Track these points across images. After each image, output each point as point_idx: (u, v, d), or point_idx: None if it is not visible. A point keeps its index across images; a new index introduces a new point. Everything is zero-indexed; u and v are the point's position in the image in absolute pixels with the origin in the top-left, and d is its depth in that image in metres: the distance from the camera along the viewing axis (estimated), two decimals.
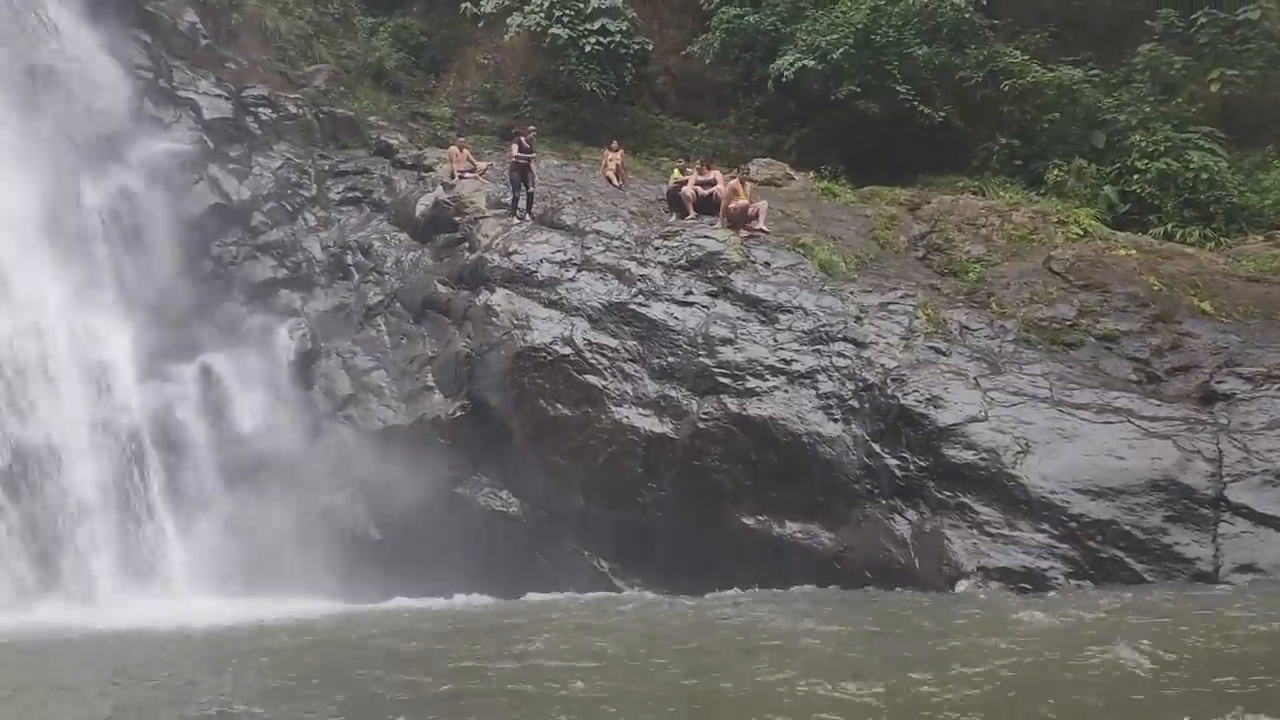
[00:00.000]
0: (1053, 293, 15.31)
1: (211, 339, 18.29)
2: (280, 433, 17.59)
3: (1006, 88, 19.98)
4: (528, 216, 18.17)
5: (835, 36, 20.20)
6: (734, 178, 17.58)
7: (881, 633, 9.89)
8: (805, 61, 20.25)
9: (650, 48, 23.29)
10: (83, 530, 16.04)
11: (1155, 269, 15.55)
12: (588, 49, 22.27)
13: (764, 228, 16.83)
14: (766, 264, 16.19)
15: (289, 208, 20.16)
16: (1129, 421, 12.89)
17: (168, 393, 17.43)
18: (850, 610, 11.15)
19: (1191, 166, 18.03)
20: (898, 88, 19.97)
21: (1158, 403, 13.29)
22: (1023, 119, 20.17)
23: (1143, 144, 18.61)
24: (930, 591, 12.09)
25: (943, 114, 20.08)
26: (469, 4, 23.76)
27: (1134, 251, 16.12)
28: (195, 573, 16.37)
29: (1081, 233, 16.87)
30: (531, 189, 18.39)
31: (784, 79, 20.51)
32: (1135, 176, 18.44)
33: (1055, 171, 18.95)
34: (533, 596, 14.64)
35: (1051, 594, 11.48)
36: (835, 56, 20.07)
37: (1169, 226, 17.65)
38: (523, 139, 18.67)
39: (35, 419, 16.36)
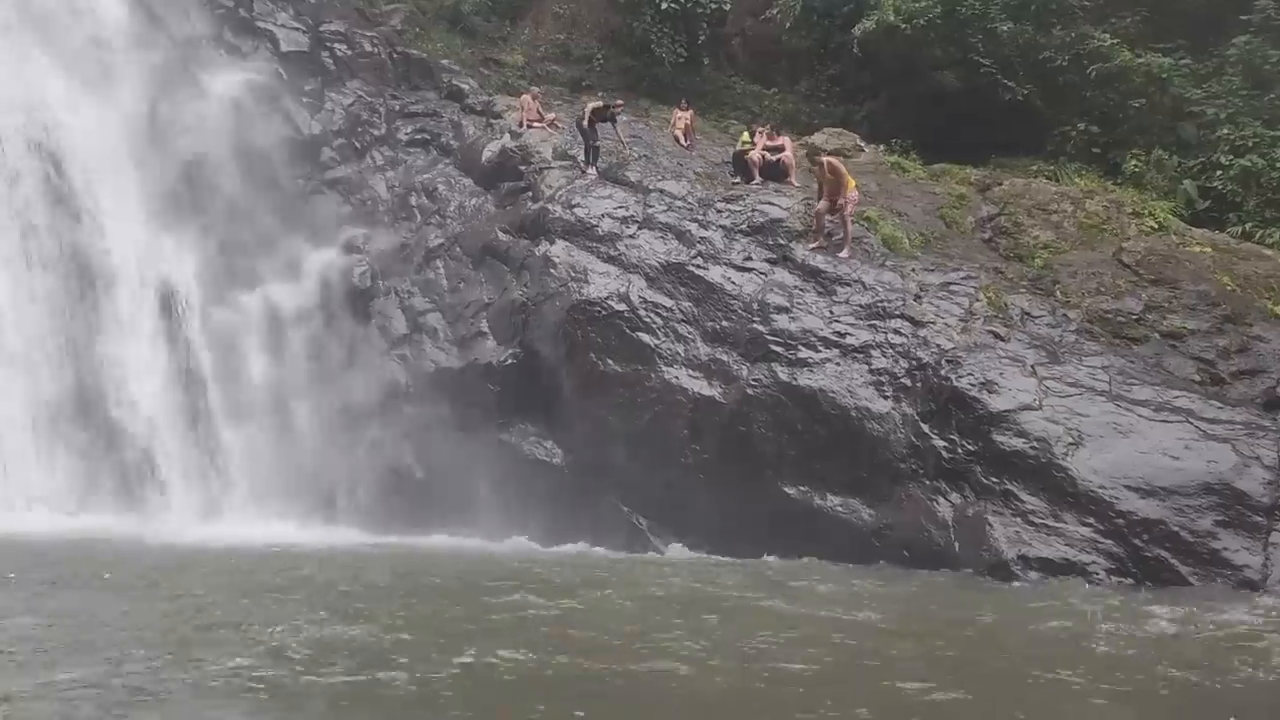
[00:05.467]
0: (1120, 285, 14.95)
1: (274, 270, 18.60)
2: (334, 366, 17.91)
3: (1093, 72, 19.39)
4: (592, 170, 18.12)
5: (922, 4, 19.79)
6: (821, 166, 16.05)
7: None
8: (892, 19, 19.85)
9: (728, 9, 22.94)
10: (140, 447, 16.51)
11: (1229, 268, 15.09)
12: (663, 6, 21.97)
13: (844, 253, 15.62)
14: (829, 235, 16.01)
15: (358, 145, 20.34)
16: (1188, 422, 12.61)
17: (229, 319, 17.80)
18: None
19: (1278, 165, 17.42)
20: (980, 60, 19.48)
21: (1219, 405, 12.96)
22: (1105, 105, 19.54)
23: (1230, 139, 17.97)
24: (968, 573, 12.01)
25: (1024, 92, 19.58)
26: None
27: (1209, 249, 15.64)
28: (247, 496, 16.81)
29: (1156, 226, 16.38)
30: (596, 142, 18.25)
31: (868, 30, 20.04)
32: (1219, 173, 17.82)
33: (1134, 161, 18.37)
34: (568, 546, 14.81)
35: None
36: (921, 23, 19.68)
37: (1248, 226, 17.07)
38: (610, 110, 18.36)
39: (101, 335, 16.82)
